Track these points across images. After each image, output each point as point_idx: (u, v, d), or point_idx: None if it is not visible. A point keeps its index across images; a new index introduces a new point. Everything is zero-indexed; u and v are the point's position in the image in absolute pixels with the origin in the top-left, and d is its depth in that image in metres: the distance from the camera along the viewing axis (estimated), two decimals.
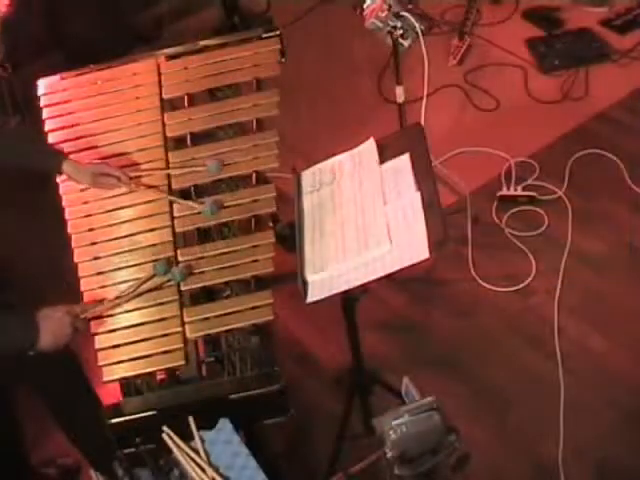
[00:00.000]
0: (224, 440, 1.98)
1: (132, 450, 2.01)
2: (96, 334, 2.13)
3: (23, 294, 2.48)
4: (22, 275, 2.91)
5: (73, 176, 2.28)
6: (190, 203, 2.23)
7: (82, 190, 2.33)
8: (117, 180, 2.27)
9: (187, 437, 1.98)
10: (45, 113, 2.49)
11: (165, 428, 1.99)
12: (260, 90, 2.46)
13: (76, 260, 2.25)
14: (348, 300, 2.25)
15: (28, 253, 3.32)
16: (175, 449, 1.96)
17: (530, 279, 3.16)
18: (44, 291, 3.10)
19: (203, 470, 1.92)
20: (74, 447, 2.73)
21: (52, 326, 2.01)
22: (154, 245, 2.24)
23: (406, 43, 2.89)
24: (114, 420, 2.07)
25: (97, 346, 2.12)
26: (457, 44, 4.12)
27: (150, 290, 2.15)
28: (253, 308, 2.11)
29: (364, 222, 2.07)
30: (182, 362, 2.09)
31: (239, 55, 2.50)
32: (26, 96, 3.55)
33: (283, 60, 2.50)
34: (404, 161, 2.15)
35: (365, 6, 2.85)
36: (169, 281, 2.14)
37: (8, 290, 2.45)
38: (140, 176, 2.33)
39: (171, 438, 1.98)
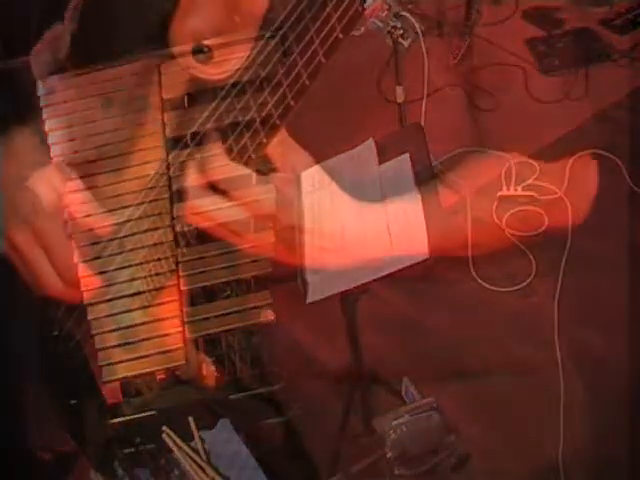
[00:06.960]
0: (224, 440, 1.98)
1: (132, 450, 2.00)
2: (96, 334, 2.13)
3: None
4: None
5: None
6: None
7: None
8: None
9: (187, 437, 1.98)
10: (45, 113, 2.48)
11: (165, 428, 1.99)
12: None
13: (76, 260, 2.24)
14: (348, 300, 2.25)
15: None
16: (175, 449, 1.96)
17: (530, 279, 3.16)
18: None
19: (203, 470, 1.92)
20: (75, 445, 2.73)
21: None
22: (154, 245, 2.24)
23: (406, 43, 2.89)
24: (114, 420, 2.07)
25: (97, 346, 2.12)
26: (457, 44, 4.12)
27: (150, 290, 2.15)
28: (253, 308, 2.11)
29: (364, 222, 2.07)
30: (182, 362, 2.09)
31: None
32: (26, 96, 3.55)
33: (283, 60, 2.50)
34: (404, 161, 2.15)
35: (365, 6, 2.85)
36: None
37: None
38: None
39: (171, 438, 1.97)
